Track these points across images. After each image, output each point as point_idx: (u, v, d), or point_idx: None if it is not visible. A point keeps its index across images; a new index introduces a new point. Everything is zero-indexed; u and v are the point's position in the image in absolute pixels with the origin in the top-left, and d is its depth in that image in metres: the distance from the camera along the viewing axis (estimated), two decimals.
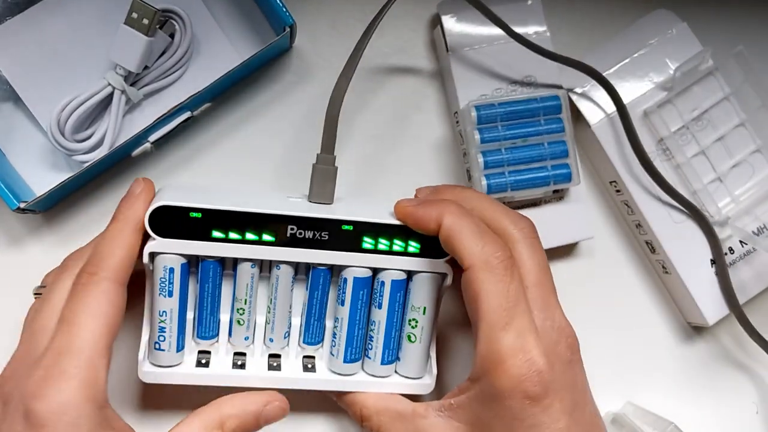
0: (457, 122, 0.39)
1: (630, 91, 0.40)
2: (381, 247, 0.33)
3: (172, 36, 0.38)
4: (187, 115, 0.37)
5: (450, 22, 0.39)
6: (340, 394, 0.35)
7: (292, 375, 0.34)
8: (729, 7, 0.44)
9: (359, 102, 0.40)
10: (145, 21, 0.35)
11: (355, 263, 0.34)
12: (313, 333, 0.35)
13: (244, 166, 0.39)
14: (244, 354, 0.35)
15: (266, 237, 0.33)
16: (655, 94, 0.40)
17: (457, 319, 0.40)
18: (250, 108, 0.40)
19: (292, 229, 0.33)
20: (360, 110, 0.40)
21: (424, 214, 0.32)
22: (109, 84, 0.36)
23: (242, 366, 0.34)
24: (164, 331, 0.33)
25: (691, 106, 0.40)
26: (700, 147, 0.40)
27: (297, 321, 0.35)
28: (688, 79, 0.39)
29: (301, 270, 0.35)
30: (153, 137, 0.37)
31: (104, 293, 0.30)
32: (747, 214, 0.40)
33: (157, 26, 0.36)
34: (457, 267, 0.32)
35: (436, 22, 0.40)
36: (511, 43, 0.38)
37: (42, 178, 0.37)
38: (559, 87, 0.39)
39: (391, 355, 0.35)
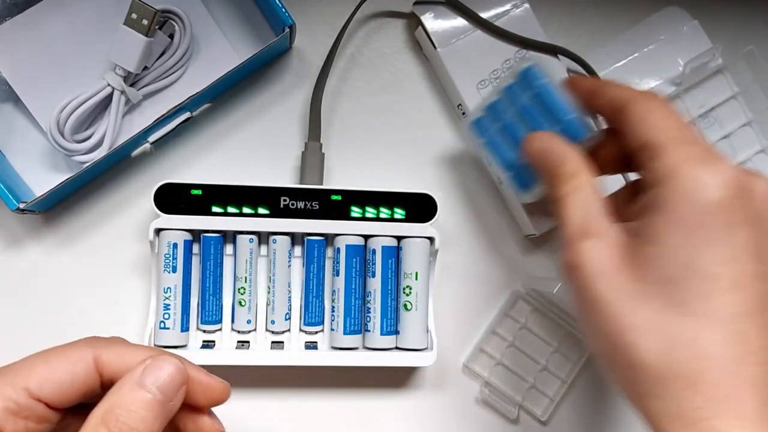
0: (463, 114, 0.40)
1: (638, 85, 0.40)
2: (369, 215, 0.37)
3: (171, 36, 0.38)
4: (186, 115, 0.37)
5: (430, 21, 0.39)
6: None
7: (294, 352, 0.36)
8: (741, 7, 0.43)
9: (357, 102, 0.41)
10: (145, 21, 0.35)
11: (346, 231, 0.36)
12: (313, 312, 0.37)
13: (243, 167, 0.39)
14: (247, 341, 0.37)
15: (261, 209, 0.36)
16: (663, 89, 0.40)
17: (447, 295, 0.40)
18: (250, 108, 0.40)
19: (284, 200, 0.36)
20: (357, 111, 0.41)
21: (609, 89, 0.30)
22: (109, 84, 0.36)
23: (246, 346, 0.37)
24: (169, 308, 0.35)
25: (699, 103, 0.40)
26: None
27: (297, 303, 0.37)
28: (697, 76, 0.39)
29: (297, 251, 0.38)
30: (152, 138, 0.37)
31: None
32: None
33: (157, 27, 0.36)
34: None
35: (415, 24, 0.40)
36: (495, 22, 0.39)
37: (42, 179, 0.37)
38: (554, 54, 0.39)
39: (390, 325, 0.37)
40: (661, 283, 0.26)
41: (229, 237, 0.37)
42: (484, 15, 0.39)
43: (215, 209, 0.36)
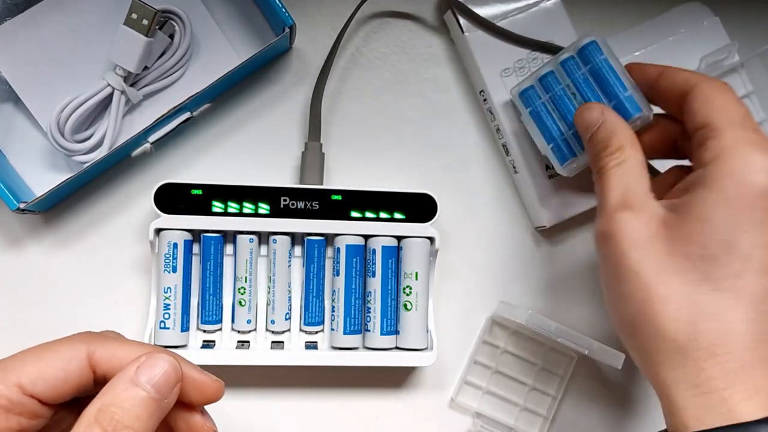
0: (485, 100, 0.40)
1: None
2: (369, 215, 0.37)
3: (171, 36, 0.38)
4: (186, 115, 0.37)
5: (461, 5, 0.39)
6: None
7: (294, 352, 0.36)
8: (764, 7, 0.43)
9: (357, 102, 0.41)
10: (145, 22, 0.35)
11: (346, 231, 0.36)
12: (313, 312, 0.37)
13: (243, 167, 0.39)
14: (247, 341, 0.37)
15: (261, 209, 0.36)
16: None
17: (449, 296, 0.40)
18: (250, 109, 0.40)
19: (284, 200, 0.36)
20: (357, 111, 0.41)
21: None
22: (109, 84, 0.36)
23: (246, 346, 0.37)
24: (169, 308, 0.35)
25: None
26: None
27: (297, 303, 0.37)
28: (712, 71, 0.39)
29: (297, 251, 0.38)
30: (153, 138, 0.37)
31: None
32: None
33: (157, 27, 0.36)
34: None
35: (445, 7, 0.40)
36: (523, 14, 0.39)
37: (42, 179, 0.37)
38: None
39: (390, 324, 0.37)
40: (697, 258, 0.27)
41: (229, 237, 0.37)
42: (514, 5, 0.39)
43: (215, 209, 0.36)
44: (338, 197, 0.36)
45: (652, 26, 0.40)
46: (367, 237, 0.37)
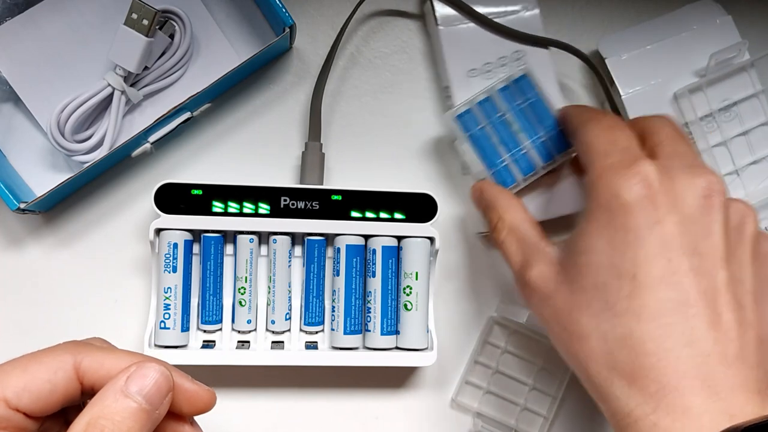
0: (448, 97, 0.39)
1: (663, 70, 0.40)
2: (369, 215, 0.37)
3: (171, 37, 0.38)
4: (186, 115, 0.37)
5: None
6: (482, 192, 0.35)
7: (294, 352, 0.36)
8: None
9: (357, 102, 0.41)
10: (145, 22, 0.35)
11: (346, 231, 0.36)
12: (313, 312, 0.37)
13: (243, 167, 0.39)
14: (248, 341, 0.37)
15: (261, 209, 0.36)
16: (687, 78, 0.40)
17: (449, 295, 0.40)
18: (250, 108, 0.40)
19: (285, 200, 0.36)
20: (357, 111, 0.41)
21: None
22: (109, 84, 0.36)
23: (246, 346, 0.37)
24: (169, 308, 0.35)
25: (721, 96, 0.40)
26: (723, 138, 0.40)
27: (297, 303, 0.37)
28: (722, 69, 0.39)
29: (297, 251, 0.38)
30: (153, 138, 0.37)
31: None
32: (759, 211, 0.40)
33: (157, 27, 0.36)
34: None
35: None
36: (501, 19, 0.39)
37: (42, 179, 0.37)
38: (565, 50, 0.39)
39: (390, 325, 0.37)
40: (594, 288, 0.28)
41: (229, 237, 0.37)
42: (493, 9, 0.39)
43: (215, 209, 0.36)
44: (338, 197, 0.36)
45: (665, 22, 0.40)
46: (367, 237, 0.37)
